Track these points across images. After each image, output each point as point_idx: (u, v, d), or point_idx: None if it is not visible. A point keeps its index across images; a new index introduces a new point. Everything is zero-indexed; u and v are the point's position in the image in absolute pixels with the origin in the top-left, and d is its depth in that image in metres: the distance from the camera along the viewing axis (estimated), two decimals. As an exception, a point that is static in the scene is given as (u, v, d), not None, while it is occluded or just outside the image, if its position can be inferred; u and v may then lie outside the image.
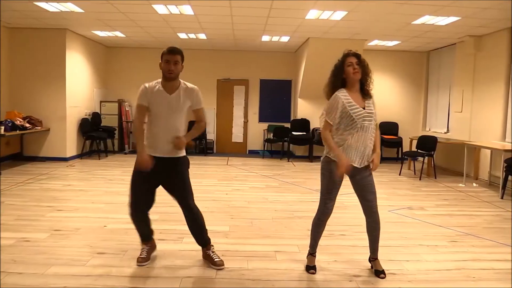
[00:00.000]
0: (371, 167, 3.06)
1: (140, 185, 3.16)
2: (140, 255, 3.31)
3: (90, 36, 9.13)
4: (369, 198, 3.09)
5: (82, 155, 9.21)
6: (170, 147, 3.09)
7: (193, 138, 3.20)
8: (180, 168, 3.17)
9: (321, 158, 3.13)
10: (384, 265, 3.24)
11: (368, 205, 3.10)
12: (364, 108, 2.98)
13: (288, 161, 9.64)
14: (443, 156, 8.88)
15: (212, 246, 3.40)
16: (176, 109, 3.09)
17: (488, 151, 7.28)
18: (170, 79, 3.07)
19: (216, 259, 3.29)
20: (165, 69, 3.04)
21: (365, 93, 3.05)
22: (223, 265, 3.26)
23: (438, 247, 3.88)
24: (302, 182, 7.04)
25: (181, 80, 3.17)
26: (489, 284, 3.09)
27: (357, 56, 3.01)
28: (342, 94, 2.99)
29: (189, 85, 3.17)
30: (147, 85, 3.13)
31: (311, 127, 9.91)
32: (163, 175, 3.15)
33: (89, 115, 9.56)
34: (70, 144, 8.76)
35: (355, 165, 3.00)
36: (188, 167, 3.25)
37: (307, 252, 3.27)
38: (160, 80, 3.13)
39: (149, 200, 3.26)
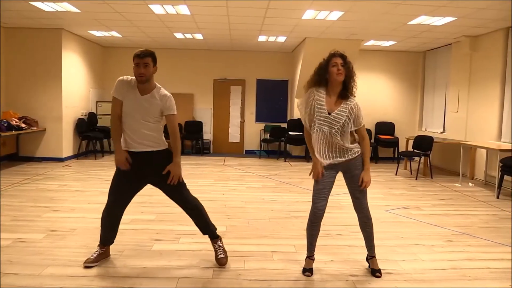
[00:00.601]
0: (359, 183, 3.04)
1: (120, 186, 3.15)
2: (90, 256, 3.25)
3: (86, 36, 9.11)
4: (358, 195, 3.09)
5: (78, 155, 9.19)
6: (143, 145, 3.09)
7: (179, 154, 3.14)
8: (165, 162, 3.12)
9: None
10: (380, 264, 3.25)
11: (358, 202, 3.12)
12: (329, 114, 2.94)
13: (285, 161, 9.65)
14: (439, 156, 8.92)
15: (220, 239, 3.41)
16: (145, 111, 3.06)
17: (484, 151, 7.31)
18: (141, 81, 3.05)
19: (219, 256, 3.30)
20: (136, 73, 3.03)
21: (344, 96, 2.99)
22: (224, 264, 3.27)
23: (434, 247, 3.89)
24: (299, 182, 7.05)
25: (158, 85, 3.14)
26: (484, 284, 3.11)
27: (343, 57, 2.98)
28: (317, 91, 2.99)
29: (163, 91, 3.13)
30: (123, 78, 3.14)
31: (308, 127, 9.90)
32: (147, 173, 3.12)
33: (85, 115, 9.54)
34: (66, 144, 8.74)
35: (329, 162, 3.01)
36: None
37: (306, 253, 3.25)
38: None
39: (125, 204, 3.25)
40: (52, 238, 3.84)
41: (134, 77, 3.11)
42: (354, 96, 3.03)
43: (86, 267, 3.16)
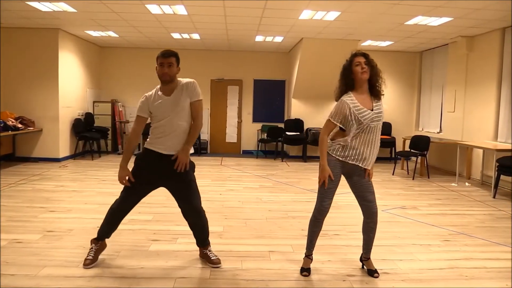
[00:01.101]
0: (366, 176, 3.07)
1: (135, 184, 3.11)
2: (88, 256, 3.23)
3: (83, 36, 9.08)
4: (370, 198, 3.08)
5: (75, 155, 9.16)
6: (176, 147, 3.07)
7: (192, 143, 3.15)
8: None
9: None
10: (378, 264, 3.26)
11: (369, 206, 3.08)
12: (372, 109, 2.95)
13: (282, 161, 9.65)
14: (436, 155, 8.95)
15: (209, 245, 3.41)
16: (177, 109, 3.05)
17: (481, 151, 7.34)
18: (165, 82, 3.06)
19: (213, 258, 3.30)
20: (160, 72, 3.04)
21: (375, 94, 3.00)
22: (219, 263, 3.28)
23: (431, 246, 3.91)
24: (296, 182, 7.05)
25: (179, 79, 3.14)
26: (481, 283, 3.12)
27: (365, 56, 2.98)
28: (349, 99, 2.94)
29: (185, 79, 3.13)
30: (147, 95, 3.13)
31: (305, 127, 9.92)
32: (167, 174, 3.09)
33: (82, 115, 9.51)
34: (63, 144, 8.71)
35: (361, 165, 3.01)
36: (193, 170, 3.22)
37: (303, 253, 3.25)
38: (159, 85, 3.13)
39: (135, 202, 3.23)
40: (48, 239, 3.83)
41: (154, 89, 3.13)
42: (383, 95, 3.04)
43: (85, 268, 3.14)
